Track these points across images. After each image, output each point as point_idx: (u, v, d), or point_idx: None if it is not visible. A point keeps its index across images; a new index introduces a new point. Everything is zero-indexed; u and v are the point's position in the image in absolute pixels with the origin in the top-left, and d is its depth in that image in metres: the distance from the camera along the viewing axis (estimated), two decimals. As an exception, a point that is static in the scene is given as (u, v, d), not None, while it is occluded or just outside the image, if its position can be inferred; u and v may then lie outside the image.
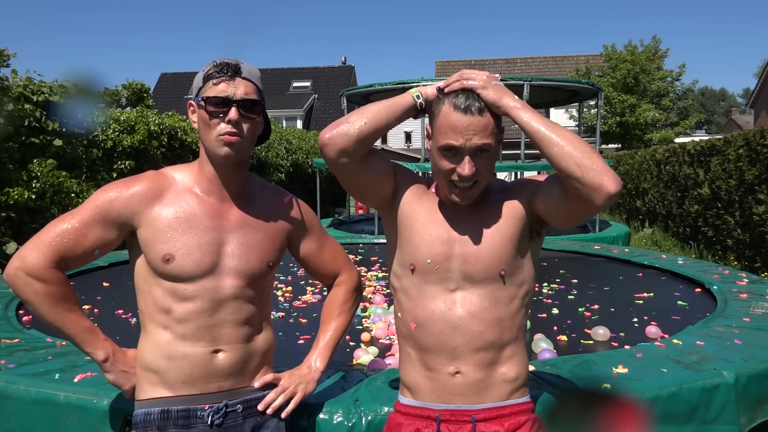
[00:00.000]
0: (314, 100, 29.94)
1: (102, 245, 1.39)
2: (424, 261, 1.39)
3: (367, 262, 5.63)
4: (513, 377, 1.41)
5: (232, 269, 1.42)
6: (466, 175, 1.30)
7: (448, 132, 1.30)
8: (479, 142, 1.29)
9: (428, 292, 1.40)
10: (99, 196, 1.39)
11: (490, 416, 1.39)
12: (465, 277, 1.39)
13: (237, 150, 1.37)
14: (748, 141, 7.56)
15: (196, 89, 1.40)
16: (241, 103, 1.35)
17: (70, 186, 6.96)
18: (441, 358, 1.39)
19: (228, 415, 1.42)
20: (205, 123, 1.36)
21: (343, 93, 9.39)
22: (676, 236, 10.42)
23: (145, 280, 1.41)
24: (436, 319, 1.39)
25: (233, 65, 1.37)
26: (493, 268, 1.37)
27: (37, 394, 1.91)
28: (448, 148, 1.31)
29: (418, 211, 1.43)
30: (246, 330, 1.45)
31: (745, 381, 2.02)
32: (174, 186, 1.42)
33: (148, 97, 12.84)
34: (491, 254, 1.37)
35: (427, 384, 1.42)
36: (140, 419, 1.40)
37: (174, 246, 1.36)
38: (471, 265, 1.38)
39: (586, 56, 29.14)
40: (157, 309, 1.39)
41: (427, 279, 1.40)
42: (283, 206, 1.57)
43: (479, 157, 1.31)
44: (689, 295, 3.84)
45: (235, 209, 1.46)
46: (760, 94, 26.09)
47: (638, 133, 20.59)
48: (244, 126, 1.36)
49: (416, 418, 1.43)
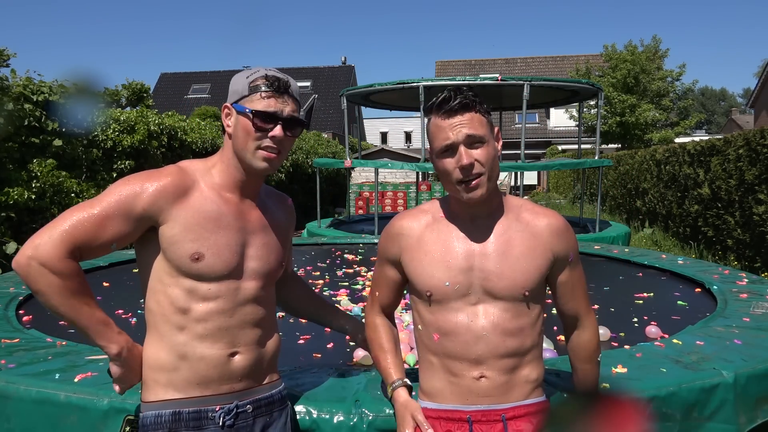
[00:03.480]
0: (314, 100, 29.94)
1: (120, 239, 1.32)
2: (442, 285, 1.42)
3: (367, 262, 5.63)
4: (534, 378, 1.47)
5: (253, 270, 1.43)
6: (465, 164, 1.33)
7: (439, 135, 1.37)
8: (469, 132, 1.34)
9: (449, 307, 1.43)
10: (122, 189, 1.32)
11: (518, 414, 1.43)
12: (486, 292, 1.42)
13: (274, 165, 1.40)
14: (748, 141, 7.56)
15: (236, 95, 1.38)
16: (288, 122, 1.37)
17: (70, 186, 6.96)
18: (465, 365, 1.42)
19: (239, 416, 1.41)
20: (247, 133, 1.36)
21: (343, 93, 9.38)
22: (676, 236, 10.42)
23: (160, 279, 1.36)
24: (460, 330, 1.42)
25: (284, 81, 1.38)
26: (517, 289, 1.41)
27: (37, 394, 1.91)
28: (444, 149, 1.36)
29: (424, 251, 1.45)
30: (260, 332, 1.46)
31: (745, 381, 2.02)
32: (198, 184, 1.39)
33: (148, 97, 12.84)
34: (516, 276, 1.41)
35: (452, 389, 1.45)
36: (150, 421, 1.36)
37: (204, 244, 1.35)
38: (493, 283, 1.41)
39: (586, 56, 29.16)
40: (173, 309, 1.36)
41: (447, 297, 1.43)
42: (287, 208, 1.61)
43: (474, 149, 1.35)
44: (689, 295, 3.84)
45: (255, 211, 1.47)
46: (760, 94, 26.08)
47: (638, 133, 20.58)
48: (285, 143, 1.39)
49: (447, 421, 1.45)
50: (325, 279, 4.75)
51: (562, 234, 1.46)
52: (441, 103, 1.37)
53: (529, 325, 1.44)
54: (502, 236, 1.43)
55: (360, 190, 14.82)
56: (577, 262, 1.51)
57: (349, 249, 6.50)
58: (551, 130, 30.67)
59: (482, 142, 1.35)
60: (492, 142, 1.38)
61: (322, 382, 1.96)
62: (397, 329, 1.65)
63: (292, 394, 1.82)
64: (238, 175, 1.42)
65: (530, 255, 1.42)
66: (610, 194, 15.54)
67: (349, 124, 10.91)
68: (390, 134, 37.11)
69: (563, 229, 1.47)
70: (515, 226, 1.44)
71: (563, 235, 1.47)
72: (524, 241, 1.43)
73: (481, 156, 1.35)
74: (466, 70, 33.62)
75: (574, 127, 25.06)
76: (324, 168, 12.42)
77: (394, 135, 36.87)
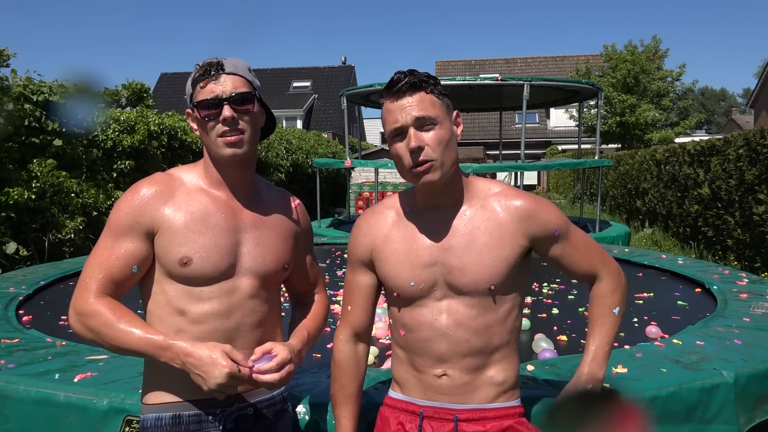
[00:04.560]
0: (314, 100, 29.93)
1: (137, 260, 1.33)
2: (407, 285, 1.38)
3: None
4: (500, 381, 1.40)
5: (248, 270, 1.39)
6: (413, 147, 1.26)
7: (388, 119, 1.30)
8: (418, 114, 1.27)
9: (414, 304, 1.39)
10: (115, 214, 1.35)
11: (472, 417, 1.38)
12: (450, 287, 1.36)
13: (240, 147, 1.33)
14: (748, 141, 7.56)
15: (189, 96, 1.37)
16: (232, 99, 1.31)
17: (70, 186, 6.96)
18: (428, 362, 1.39)
19: (239, 419, 1.39)
20: (202, 127, 1.34)
21: (343, 93, 9.38)
22: (676, 236, 10.42)
23: (157, 280, 1.36)
24: (423, 327, 1.38)
25: (216, 63, 1.33)
26: (481, 283, 1.34)
27: (37, 394, 1.91)
28: (394, 133, 1.30)
29: (390, 250, 1.40)
30: (261, 333, 1.41)
31: (745, 381, 2.02)
32: (183, 186, 1.38)
33: (148, 97, 12.83)
34: (479, 270, 1.34)
35: (414, 381, 1.42)
36: (150, 424, 1.35)
37: (191, 248, 1.32)
38: (456, 278, 1.35)
39: (586, 56, 29.16)
40: (170, 311, 1.35)
41: (413, 296, 1.39)
42: (292, 210, 1.53)
43: (425, 131, 1.28)
44: (689, 295, 3.84)
45: (249, 208, 1.42)
46: (760, 94, 26.08)
47: (638, 133, 20.58)
48: (242, 122, 1.32)
49: (401, 412, 1.43)
50: (325, 279, 4.74)
51: (533, 215, 1.36)
52: (389, 86, 1.30)
53: (497, 322, 1.37)
54: (465, 227, 1.36)
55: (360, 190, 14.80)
56: (571, 231, 1.40)
57: (349, 249, 6.48)
58: (551, 130, 30.66)
59: (434, 123, 1.28)
60: (447, 125, 1.30)
61: (322, 383, 1.96)
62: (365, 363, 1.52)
63: (292, 394, 1.82)
64: (218, 172, 1.39)
65: (496, 245, 1.34)
66: (610, 194, 15.54)
67: (349, 124, 10.91)
68: (390, 134, 37.05)
69: (533, 209, 1.36)
70: (480, 215, 1.36)
71: (535, 215, 1.36)
72: (489, 231, 1.34)
73: (432, 139, 1.27)
74: (466, 70, 33.61)
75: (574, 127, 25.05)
76: (324, 168, 12.42)
77: (394, 135, 36.81)
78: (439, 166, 1.28)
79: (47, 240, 6.70)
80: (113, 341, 1.28)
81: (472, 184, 1.40)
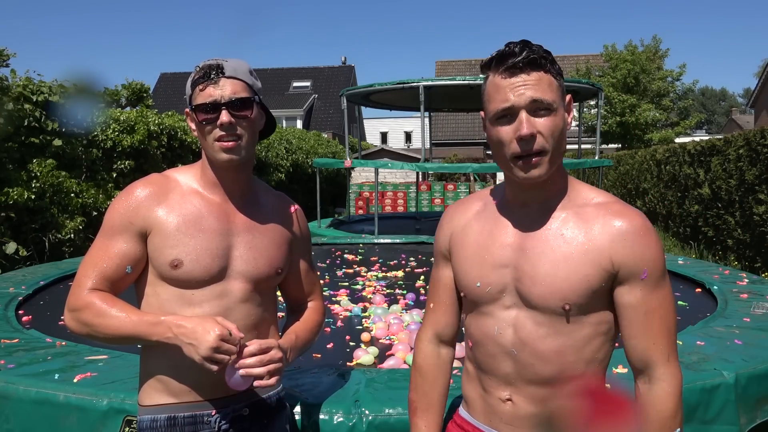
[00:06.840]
0: (314, 100, 29.94)
1: (131, 260, 1.33)
2: (473, 285, 1.22)
3: (367, 262, 5.63)
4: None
5: (240, 273, 1.38)
6: (524, 135, 1.08)
7: (496, 97, 1.12)
8: (535, 96, 1.09)
9: (481, 312, 1.24)
10: (110, 214, 1.35)
11: None
12: (521, 297, 1.18)
13: (236, 153, 1.31)
14: (749, 141, 7.56)
15: (188, 97, 1.36)
16: (230, 105, 1.29)
17: (70, 186, 6.96)
18: (494, 381, 1.23)
19: (235, 420, 1.39)
20: (200, 130, 1.33)
21: (343, 93, 9.39)
22: (677, 236, 10.42)
23: (150, 282, 1.36)
24: (488, 341, 1.22)
25: (215, 66, 1.30)
26: (554, 299, 1.14)
27: (37, 395, 1.91)
28: (500, 114, 1.11)
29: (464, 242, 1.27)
30: (256, 335, 1.40)
31: (745, 381, 2.02)
32: (178, 187, 1.37)
33: (147, 97, 12.82)
34: (552, 282, 1.14)
35: (481, 403, 1.28)
36: (146, 425, 1.35)
37: (182, 251, 1.32)
38: (526, 287, 1.16)
39: (586, 56, 29.13)
40: (164, 314, 1.33)
41: (479, 300, 1.23)
42: (289, 215, 1.51)
43: (539, 117, 1.10)
44: (689, 295, 3.84)
45: (242, 212, 1.41)
46: (761, 94, 26.08)
47: (638, 133, 20.58)
48: (239, 127, 1.30)
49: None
50: (325, 279, 4.75)
51: (629, 239, 1.12)
52: (502, 57, 1.11)
53: (572, 349, 1.15)
54: (550, 231, 1.16)
55: (360, 190, 14.81)
56: (658, 284, 1.14)
57: (349, 249, 6.50)
58: (551, 130, 30.62)
59: (550, 109, 1.10)
60: (561, 112, 1.13)
61: (322, 383, 1.95)
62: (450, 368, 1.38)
63: (291, 394, 1.82)
64: (214, 174, 1.38)
65: (577, 260, 1.13)
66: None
67: (349, 124, 10.92)
68: (390, 134, 37.11)
69: (634, 234, 1.12)
70: (572, 222, 1.16)
71: (634, 241, 1.12)
72: (576, 242, 1.14)
73: (545, 127, 1.09)
74: (466, 70, 33.59)
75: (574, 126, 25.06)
76: (324, 168, 12.42)
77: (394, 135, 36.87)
78: (549, 159, 1.11)
79: (47, 240, 6.70)
80: (106, 330, 1.28)
81: (574, 187, 1.22)
